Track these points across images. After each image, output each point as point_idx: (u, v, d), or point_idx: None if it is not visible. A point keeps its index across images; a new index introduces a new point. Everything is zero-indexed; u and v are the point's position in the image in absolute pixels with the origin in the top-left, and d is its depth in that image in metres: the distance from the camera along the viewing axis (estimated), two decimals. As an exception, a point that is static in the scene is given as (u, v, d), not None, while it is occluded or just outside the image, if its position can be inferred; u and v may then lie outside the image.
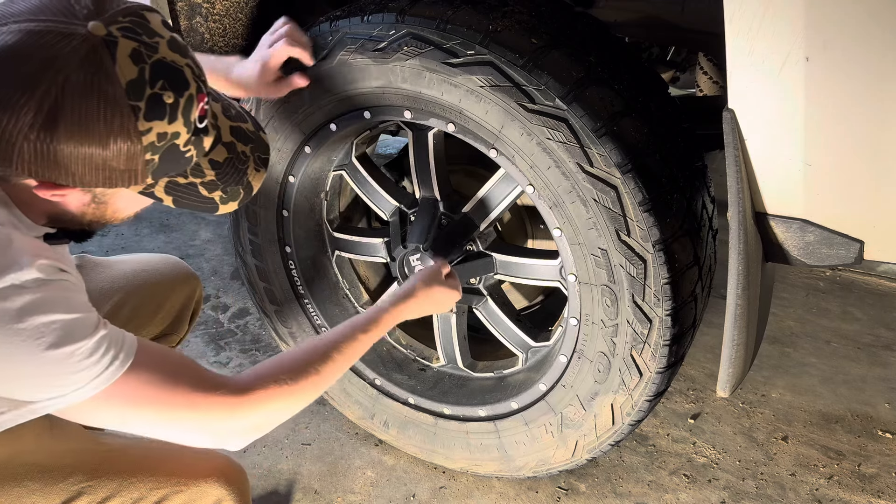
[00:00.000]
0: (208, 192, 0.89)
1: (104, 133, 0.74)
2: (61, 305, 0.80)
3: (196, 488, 1.01)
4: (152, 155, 0.79)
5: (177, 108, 0.78)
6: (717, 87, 2.61)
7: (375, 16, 1.24)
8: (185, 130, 0.81)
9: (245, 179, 0.92)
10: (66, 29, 0.73)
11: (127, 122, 0.74)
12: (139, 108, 0.75)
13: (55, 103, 0.72)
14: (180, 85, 0.79)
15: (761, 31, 0.90)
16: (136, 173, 0.79)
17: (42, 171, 0.76)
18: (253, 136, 0.94)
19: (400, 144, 2.90)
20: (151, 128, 0.77)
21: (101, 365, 0.81)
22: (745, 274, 1.05)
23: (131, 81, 0.74)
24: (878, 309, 2.32)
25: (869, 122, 0.91)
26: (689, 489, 1.63)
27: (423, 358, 1.69)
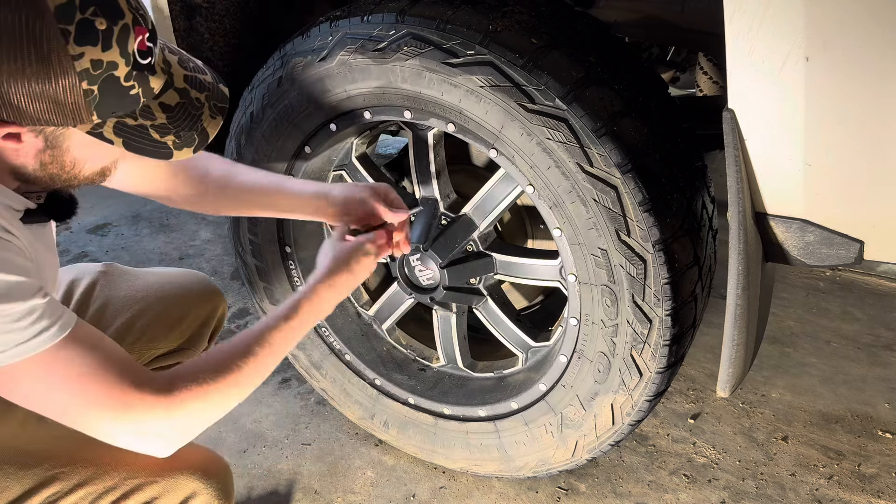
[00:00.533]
0: (160, 136, 0.87)
1: (36, 59, 0.74)
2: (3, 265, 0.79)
3: (171, 480, 0.99)
4: (90, 84, 0.78)
5: (110, 35, 0.77)
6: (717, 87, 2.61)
7: (375, 16, 1.24)
8: (124, 62, 0.80)
9: (199, 125, 0.90)
10: None
11: (56, 45, 0.74)
12: (69, 31, 0.74)
13: None
14: (113, 13, 0.78)
15: (761, 31, 0.90)
16: (79, 107, 0.79)
17: None
18: (210, 86, 0.93)
19: (400, 144, 2.90)
20: (83, 53, 0.76)
21: (28, 332, 0.80)
22: (745, 274, 1.05)
23: (60, 6, 0.74)
24: (878, 309, 2.32)
25: (869, 122, 0.91)
26: (689, 489, 1.63)
27: (423, 358, 1.69)
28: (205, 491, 1.01)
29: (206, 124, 0.91)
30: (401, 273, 1.55)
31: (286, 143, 1.45)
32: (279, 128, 1.44)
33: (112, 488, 0.98)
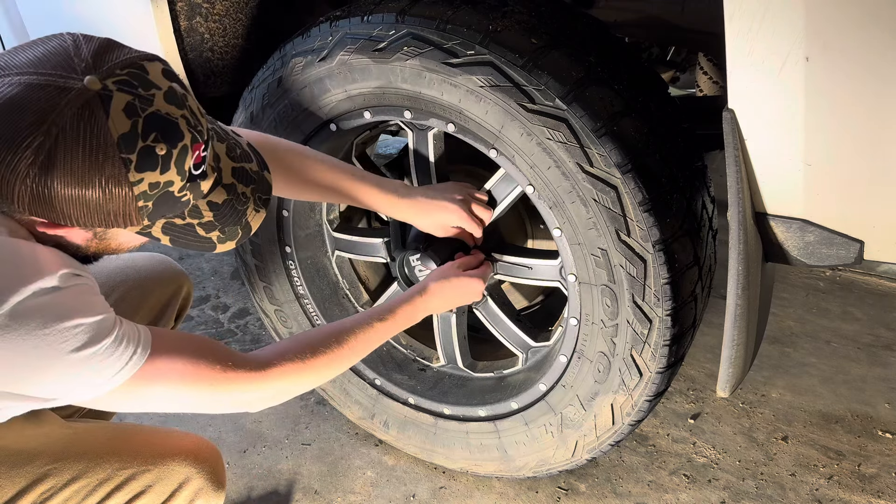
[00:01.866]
0: (206, 233, 0.92)
1: (95, 182, 0.78)
2: (82, 310, 0.82)
3: (164, 467, 1.02)
4: (145, 202, 0.82)
5: (169, 158, 0.81)
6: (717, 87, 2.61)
7: (375, 16, 1.24)
8: (179, 179, 0.84)
9: (244, 220, 0.95)
10: (63, 83, 0.76)
11: (118, 172, 0.78)
12: (130, 160, 0.78)
13: (49, 154, 0.75)
14: (174, 137, 0.81)
15: (761, 31, 0.90)
16: (131, 216, 0.83)
17: (40, 212, 0.80)
18: (255, 175, 0.96)
19: (400, 144, 2.90)
20: (143, 178, 0.80)
21: (122, 360, 0.85)
22: (745, 274, 1.05)
23: (123, 135, 0.77)
24: (878, 309, 2.32)
25: (869, 123, 0.91)
26: (689, 489, 1.63)
27: (423, 358, 1.69)
28: (197, 476, 1.04)
29: (250, 218, 0.96)
30: (400, 273, 1.55)
31: (286, 143, 1.45)
32: (279, 128, 1.44)
33: (105, 480, 1.00)
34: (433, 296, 1.28)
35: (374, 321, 1.16)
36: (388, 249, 1.56)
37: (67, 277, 0.83)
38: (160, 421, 1.83)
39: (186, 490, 1.03)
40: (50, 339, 0.79)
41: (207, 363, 0.93)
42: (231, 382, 0.95)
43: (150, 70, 0.81)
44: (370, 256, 1.62)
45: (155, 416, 1.84)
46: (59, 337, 0.79)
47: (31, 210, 0.79)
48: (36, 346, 0.78)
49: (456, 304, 1.36)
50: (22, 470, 0.97)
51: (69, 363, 0.81)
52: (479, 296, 1.36)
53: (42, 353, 0.79)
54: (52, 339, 0.79)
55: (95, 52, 0.80)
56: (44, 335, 0.78)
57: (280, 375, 1.00)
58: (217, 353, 0.96)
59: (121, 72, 0.79)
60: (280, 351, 1.03)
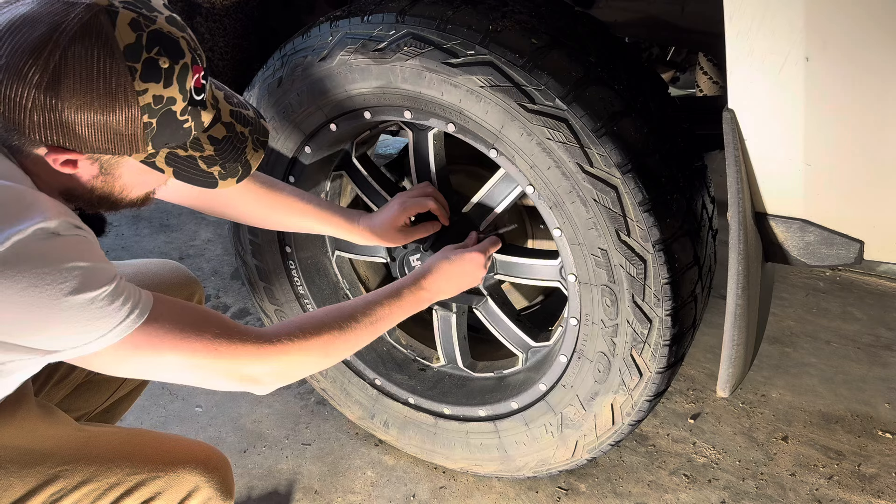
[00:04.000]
0: (207, 167, 0.94)
1: (104, 93, 0.79)
2: (82, 255, 0.83)
3: (173, 475, 1.02)
4: (150, 118, 0.83)
5: (171, 73, 0.83)
6: (717, 87, 2.61)
7: (375, 16, 1.24)
8: (181, 98, 0.86)
9: (243, 157, 0.97)
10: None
11: (124, 80, 0.80)
12: (136, 69, 0.80)
13: (58, 66, 0.77)
14: (175, 53, 0.84)
15: (761, 31, 0.90)
16: (137, 138, 0.84)
17: (50, 135, 0.80)
18: (252, 120, 0.99)
19: (400, 144, 2.90)
20: (147, 89, 0.82)
21: (121, 313, 0.84)
22: (745, 274, 1.05)
23: (129, 45, 0.80)
24: (878, 309, 2.32)
25: (869, 122, 0.91)
26: (689, 489, 1.63)
27: (423, 358, 1.69)
28: (206, 485, 1.03)
29: (249, 157, 0.98)
30: (400, 273, 1.55)
31: (286, 143, 1.46)
32: (279, 128, 1.44)
33: (115, 484, 1.00)
34: (436, 275, 1.25)
35: (384, 299, 1.15)
36: (388, 249, 1.56)
37: (68, 226, 0.83)
38: (160, 422, 1.83)
39: (195, 499, 1.03)
40: (49, 278, 0.78)
41: (211, 333, 0.93)
42: (235, 354, 0.94)
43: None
44: (370, 256, 1.62)
45: (156, 418, 1.84)
46: (57, 277, 0.79)
47: (41, 134, 0.80)
48: (34, 284, 0.77)
49: (462, 283, 1.31)
50: (33, 469, 0.97)
51: (65, 306, 0.79)
52: (483, 270, 1.32)
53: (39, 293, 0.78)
54: (50, 279, 0.78)
55: None
56: (43, 274, 0.78)
57: (286, 350, 0.99)
58: (221, 323, 0.95)
59: None
60: (287, 327, 1.02)
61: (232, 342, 0.94)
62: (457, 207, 1.44)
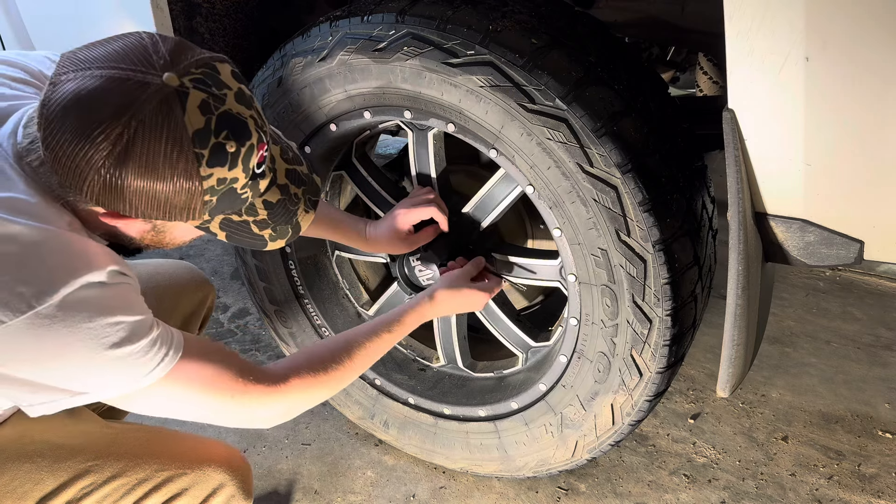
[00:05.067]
0: (259, 230, 0.95)
1: (168, 175, 0.80)
2: (125, 307, 0.85)
3: (199, 472, 1.05)
4: (211, 196, 0.85)
5: (237, 156, 0.84)
6: (717, 87, 2.61)
7: (375, 16, 1.24)
8: (244, 176, 0.87)
9: (294, 220, 0.98)
10: (143, 78, 0.79)
11: (190, 167, 0.80)
12: (203, 155, 0.81)
13: (127, 145, 0.77)
14: (243, 135, 0.84)
15: (761, 31, 0.90)
16: (195, 210, 0.85)
17: (108, 202, 0.81)
18: (306, 178, 1.00)
19: (400, 144, 2.90)
20: (212, 174, 0.82)
21: (154, 361, 0.87)
22: (745, 274, 1.05)
23: (198, 131, 0.80)
24: (878, 309, 2.32)
25: (869, 122, 0.91)
26: (689, 489, 1.63)
27: (423, 358, 1.69)
28: (230, 483, 1.07)
29: (300, 218, 0.99)
30: (401, 273, 1.55)
31: (286, 143, 1.45)
32: (279, 128, 1.44)
33: (144, 480, 1.02)
34: (441, 303, 1.30)
35: (383, 332, 1.19)
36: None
37: (114, 275, 0.85)
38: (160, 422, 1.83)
39: (220, 496, 1.06)
40: (94, 332, 0.81)
41: (231, 374, 0.95)
42: (249, 395, 0.97)
43: (220, 71, 0.84)
44: (370, 256, 1.62)
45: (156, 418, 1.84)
46: (101, 332, 0.81)
47: (99, 200, 0.81)
48: (80, 338, 0.80)
49: (460, 311, 1.38)
50: (64, 464, 1.00)
51: (107, 358, 0.82)
52: (482, 307, 1.39)
53: (84, 346, 0.81)
54: (95, 333, 0.81)
55: (172, 50, 0.82)
56: (88, 328, 0.80)
57: (293, 389, 1.02)
58: (240, 365, 0.98)
59: (196, 70, 0.81)
60: (293, 365, 1.04)
61: (248, 384, 0.97)
62: (456, 207, 1.44)
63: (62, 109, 0.78)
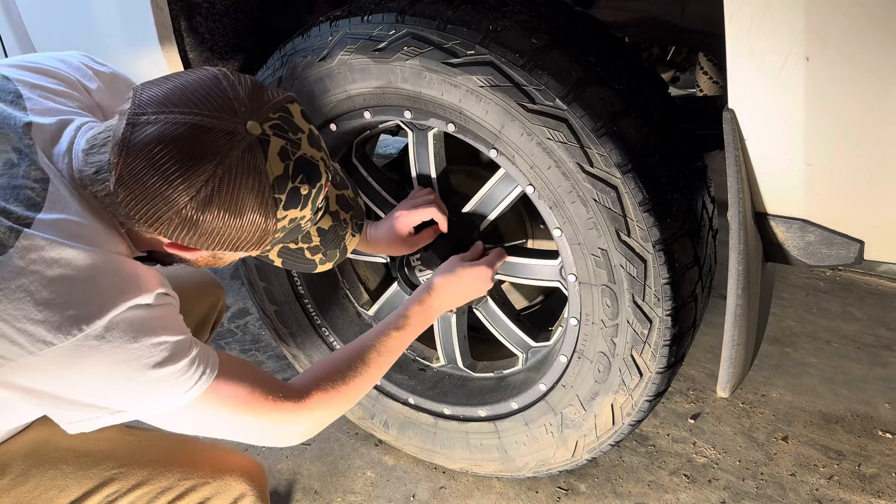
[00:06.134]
0: (311, 255, 1.00)
1: (248, 218, 0.84)
2: (168, 327, 0.87)
3: (222, 482, 1.07)
4: (281, 234, 0.90)
5: (308, 197, 0.89)
6: (717, 87, 2.61)
7: (375, 16, 1.24)
8: (311, 213, 0.92)
9: (342, 244, 1.02)
10: (227, 126, 0.81)
11: (268, 210, 0.84)
12: (280, 199, 0.85)
13: (212, 191, 0.80)
14: (315, 177, 0.88)
15: (761, 31, 0.90)
16: (263, 245, 0.89)
17: (180, 237, 0.84)
18: (353, 202, 1.04)
19: (400, 144, 2.90)
20: (286, 215, 0.87)
21: (192, 380, 0.89)
22: (745, 274, 1.05)
23: (278, 177, 0.84)
24: (878, 309, 2.32)
25: (869, 122, 0.91)
26: (689, 489, 1.63)
27: (423, 358, 1.69)
28: (251, 493, 1.09)
29: (347, 242, 1.03)
30: (401, 273, 1.55)
31: (286, 143, 1.45)
32: (279, 128, 1.43)
33: (168, 489, 1.04)
34: (441, 291, 1.28)
35: (391, 331, 1.18)
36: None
37: (160, 297, 0.87)
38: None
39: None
40: (138, 353, 0.83)
41: (262, 392, 0.97)
42: (278, 412, 0.98)
43: (293, 113, 0.88)
44: (370, 257, 1.62)
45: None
46: (145, 352, 0.83)
47: (171, 235, 0.84)
48: (125, 359, 0.82)
49: (467, 296, 1.34)
50: (89, 472, 1.01)
51: (150, 378, 0.84)
52: (489, 283, 1.34)
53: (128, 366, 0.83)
54: (139, 353, 0.83)
55: (250, 94, 0.85)
56: (133, 349, 0.82)
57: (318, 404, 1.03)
58: (269, 383, 0.99)
59: (273, 115, 0.85)
60: (314, 380, 1.05)
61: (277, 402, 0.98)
62: (457, 207, 1.44)
63: (146, 154, 0.79)
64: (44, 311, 0.77)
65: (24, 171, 0.84)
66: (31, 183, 0.83)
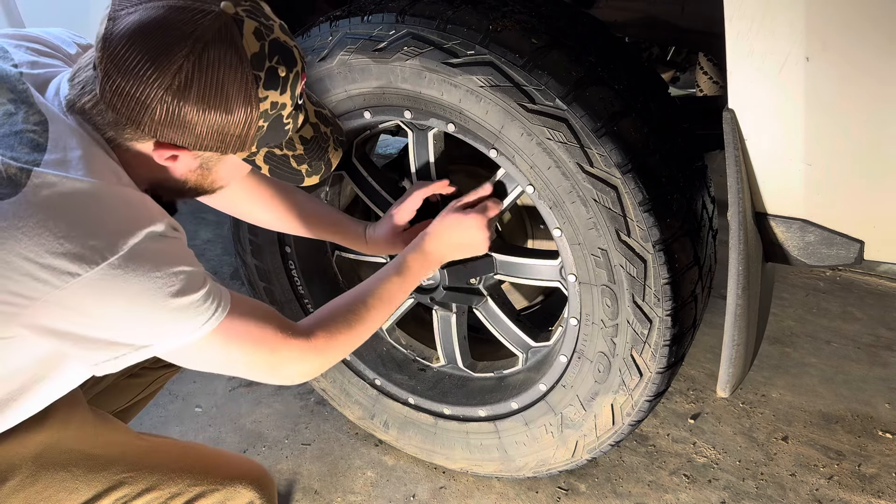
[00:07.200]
0: (297, 165, 1.00)
1: (230, 98, 0.84)
2: (185, 259, 0.88)
3: (231, 489, 1.07)
4: (264, 122, 0.89)
5: (287, 81, 0.88)
6: (717, 87, 2.61)
7: (375, 16, 1.24)
8: (290, 104, 0.91)
9: (326, 156, 1.03)
10: (202, 6, 0.83)
11: (250, 88, 0.84)
12: (260, 77, 0.85)
13: (192, 70, 0.81)
14: (291, 62, 0.89)
15: (761, 31, 0.90)
16: (248, 140, 0.89)
17: (166, 132, 0.84)
18: (332, 120, 1.05)
19: (400, 144, 2.90)
20: (268, 96, 0.87)
21: (209, 312, 0.89)
22: (745, 274, 1.05)
23: (255, 54, 0.84)
24: (878, 309, 2.32)
25: (869, 123, 0.91)
26: (689, 489, 1.63)
27: (423, 358, 1.69)
28: (259, 500, 1.10)
29: (331, 155, 1.04)
30: (401, 273, 1.54)
31: (286, 143, 1.45)
32: (279, 128, 1.44)
33: (177, 494, 1.04)
34: (436, 237, 1.27)
35: (392, 276, 1.19)
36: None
37: (170, 228, 0.88)
38: (160, 422, 1.83)
39: None
40: (160, 281, 0.83)
41: (272, 329, 0.98)
42: (286, 349, 0.99)
43: (263, 6, 0.90)
44: (371, 257, 1.62)
45: (156, 419, 1.84)
46: (167, 280, 0.84)
47: (157, 130, 0.84)
48: (148, 287, 0.82)
49: (465, 244, 1.31)
50: (99, 475, 1.01)
51: (170, 307, 0.85)
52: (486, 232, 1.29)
53: (149, 295, 0.83)
54: (161, 283, 0.83)
55: None
56: (155, 277, 0.83)
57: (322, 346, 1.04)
58: (280, 321, 1.01)
59: (245, 2, 0.86)
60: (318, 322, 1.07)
61: (287, 339, 0.99)
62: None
63: (127, 39, 0.80)
64: (65, 243, 0.78)
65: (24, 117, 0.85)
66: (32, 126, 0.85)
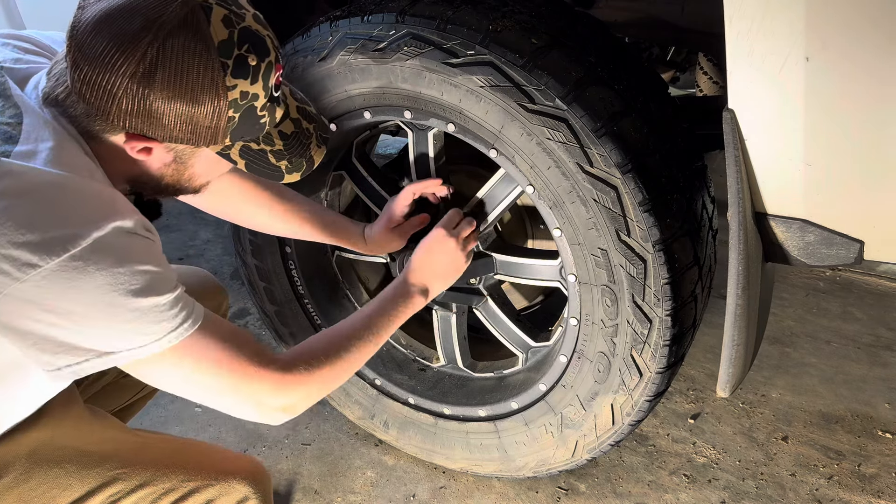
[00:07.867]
0: (276, 161, 0.98)
1: (197, 86, 0.82)
2: (153, 260, 0.85)
3: (225, 484, 1.06)
4: (234, 112, 0.87)
5: (258, 71, 0.86)
6: (717, 87, 2.61)
7: (375, 16, 1.24)
8: (263, 95, 0.89)
9: (308, 153, 1.01)
10: None
11: (217, 76, 0.83)
12: (227, 65, 0.83)
13: (155, 57, 0.80)
14: (262, 51, 0.87)
15: (761, 32, 0.90)
16: (218, 131, 0.87)
17: (134, 123, 0.83)
18: (316, 117, 1.03)
19: (400, 144, 2.90)
20: (236, 85, 0.85)
21: (177, 320, 0.86)
22: (745, 274, 1.05)
23: (222, 41, 0.83)
24: (878, 309, 2.32)
25: (869, 123, 0.91)
26: (689, 489, 1.63)
27: (423, 358, 1.69)
28: (254, 496, 1.08)
29: (313, 153, 1.02)
30: (400, 272, 1.54)
31: (286, 143, 1.45)
32: (279, 128, 1.44)
33: (171, 490, 1.03)
34: (418, 271, 1.26)
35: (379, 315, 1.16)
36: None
37: (142, 227, 0.86)
38: (160, 422, 1.83)
39: None
40: (122, 277, 0.81)
41: (247, 356, 0.94)
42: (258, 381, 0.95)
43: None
44: (370, 257, 1.62)
45: (156, 418, 1.84)
46: (130, 278, 0.81)
47: (125, 121, 0.83)
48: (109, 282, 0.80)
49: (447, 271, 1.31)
50: (92, 471, 1.00)
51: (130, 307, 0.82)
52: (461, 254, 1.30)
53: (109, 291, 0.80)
54: (123, 279, 0.81)
55: None
56: (117, 273, 0.80)
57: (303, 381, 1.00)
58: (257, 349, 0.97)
59: None
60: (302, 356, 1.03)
61: (260, 369, 0.95)
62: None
63: (93, 26, 0.80)
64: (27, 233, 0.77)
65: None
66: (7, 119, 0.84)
